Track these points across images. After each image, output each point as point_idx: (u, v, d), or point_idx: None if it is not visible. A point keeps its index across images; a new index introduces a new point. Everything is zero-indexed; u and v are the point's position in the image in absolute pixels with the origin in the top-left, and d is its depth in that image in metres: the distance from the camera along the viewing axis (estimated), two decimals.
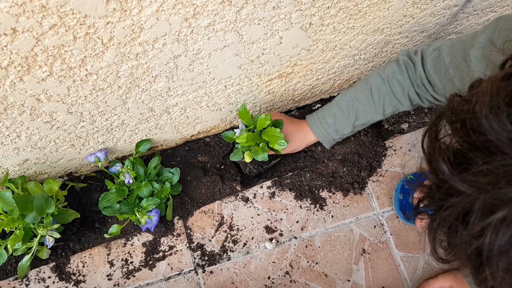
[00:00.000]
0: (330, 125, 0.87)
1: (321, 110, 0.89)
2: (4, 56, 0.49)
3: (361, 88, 0.83)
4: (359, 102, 0.83)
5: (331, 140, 0.90)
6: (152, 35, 0.56)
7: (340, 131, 0.87)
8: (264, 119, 0.82)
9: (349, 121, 0.85)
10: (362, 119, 0.84)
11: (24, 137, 0.67)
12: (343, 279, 0.89)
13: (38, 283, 0.82)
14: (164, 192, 0.83)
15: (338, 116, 0.86)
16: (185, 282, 0.85)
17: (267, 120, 0.82)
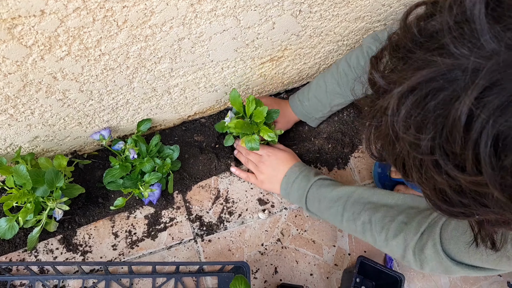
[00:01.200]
0: (308, 107, 0.97)
1: (301, 91, 0.99)
2: (30, 36, 0.54)
3: (332, 74, 0.93)
4: (331, 87, 0.93)
5: (314, 119, 1.00)
6: (161, 18, 0.62)
7: (319, 112, 0.97)
8: (251, 102, 0.90)
9: (324, 103, 0.95)
10: (336, 101, 0.94)
11: (37, 114, 0.72)
12: (329, 245, 0.98)
13: (47, 254, 0.88)
14: (165, 167, 0.89)
15: (313, 100, 0.96)
16: (185, 250, 0.92)
17: (252, 104, 0.90)
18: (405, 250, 0.71)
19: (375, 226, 0.76)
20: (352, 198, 0.80)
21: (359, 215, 0.78)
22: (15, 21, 0.51)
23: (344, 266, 0.97)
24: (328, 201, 0.83)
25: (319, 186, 0.85)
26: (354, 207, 0.79)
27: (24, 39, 0.54)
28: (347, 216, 0.80)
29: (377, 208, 0.76)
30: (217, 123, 0.98)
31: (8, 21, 0.50)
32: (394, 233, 0.72)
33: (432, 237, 0.67)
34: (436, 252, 0.66)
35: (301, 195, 0.88)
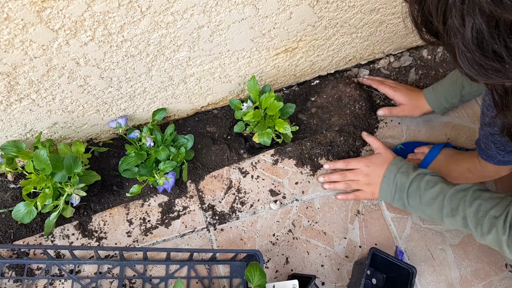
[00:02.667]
0: (440, 92, 0.98)
1: (435, 84, 1.01)
2: (58, 20, 0.56)
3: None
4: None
5: (442, 108, 1.01)
6: (183, 5, 0.63)
7: (449, 100, 0.98)
8: (268, 97, 0.91)
9: (456, 89, 0.95)
10: (468, 88, 0.93)
11: (58, 100, 0.74)
12: (340, 237, 0.98)
13: (63, 239, 0.89)
14: (180, 156, 0.90)
15: (447, 84, 0.97)
16: (198, 239, 0.93)
17: (271, 97, 0.91)
18: (500, 244, 0.74)
19: (470, 222, 0.78)
20: (449, 193, 0.82)
21: (456, 211, 0.80)
22: (44, 4, 0.52)
23: (355, 258, 0.97)
24: (428, 198, 0.85)
25: (419, 183, 0.87)
26: (452, 203, 0.81)
27: (51, 22, 0.55)
28: (446, 213, 0.82)
29: (471, 203, 0.78)
30: (232, 99, 0.97)
31: (38, 4, 0.51)
32: (488, 229, 0.74)
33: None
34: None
35: (402, 191, 0.89)
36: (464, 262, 0.99)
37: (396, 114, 1.06)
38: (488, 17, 0.37)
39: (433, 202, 0.84)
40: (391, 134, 1.10)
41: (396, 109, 1.06)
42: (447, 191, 0.82)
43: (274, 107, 0.90)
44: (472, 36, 0.38)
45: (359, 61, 1.14)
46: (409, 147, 1.08)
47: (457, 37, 0.40)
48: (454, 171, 0.99)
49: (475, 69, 0.40)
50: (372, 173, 0.95)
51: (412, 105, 1.03)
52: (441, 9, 0.40)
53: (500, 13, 0.36)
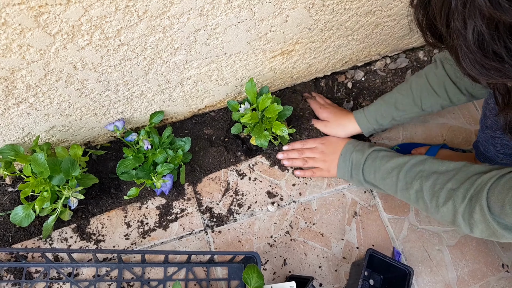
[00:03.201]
0: (371, 113, 0.97)
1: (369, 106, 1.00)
2: (55, 24, 0.56)
3: (404, 83, 0.95)
4: (400, 93, 0.94)
5: (370, 130, 1.00)
6: (180, 9, 0.64)
7: (380, 121, 0.97)
8: (265, 98, 0.92)
9: (388, 111, 0.95)
10: (400, 111, 0.94)
11: (55, 104, 0.74)
12: (338, 238, 0.99)
13: (61, 242, 0.89)
14: (177, 158, 0.91)
15: (379, 105, 0.97)
16: (196, 241, 0.94)
17: (268, 99, 0.92)
18: (455, 215, 0.74)
19: (426, 194, 0.78)
20: (405, 168, 0.83)
21: (411, 184, 0.81)
22: (41, 9, 0.52)
23: (352, 259, 0.98)
24: (382, 172, 0.87)
25: (374, 158, 0.89)
26: (407, 177, 0.83)
27: (49, 27, 0.56)
28: (401, 186, 0.83)
29: (428, 176, 0.79)
30: (230, 100, 0.98)
31: (35, 9, 0.52)
32: (444, 200, 0.75)
33: (479, 201, 0.69)
34: (484, 216, 0.68)
35: (358, 168, 0.92)
36: (461, 263, 1.00)
37: (318, 127, 1.05)
38: (488, 19, 0.39)
39: (387, 176, 0.86)
40: (388, 136, 1.10)
41: (319, 123, 1.05)
42: (403, 165, 0.84)
43: (273, 110, 0.91)
44: (474, 38, 0.40)
45: (355, 63, 1.14)
46: (406, 148, 1.08)
47: (459, 39, 0.42)
48: None
49: (477, 69, 0.42)
50: (328, 150, 0.98)
51: (336, 124, 1.02)
52: (444, 13, 0.42)
53: (499, 15, 0.37)
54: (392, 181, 0.85)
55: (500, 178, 0.67)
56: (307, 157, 1.00)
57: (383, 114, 0.96)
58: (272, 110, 0.91)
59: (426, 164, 0.81)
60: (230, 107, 0.97)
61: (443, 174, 0.77)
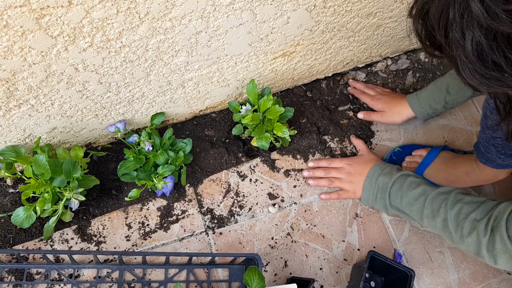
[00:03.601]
0: (424, 98, 0.99)
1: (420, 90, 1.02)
2: (57, 26, 0.56)
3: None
4: (452, 78, 0.94)
5: (425, 114, 1.01)
6: (182, 11, 0.64)
7: (433, 106, 0.99)
8: (267, 100, 0.92)
9: (441, 95, 0.96)
10: (453, 95, 0.95)
11: (57, 105, 0.74)
12: (339, 240, 0.99)
13: (62, 243, 0.89)
14: (178, 160, 0.91)
15: (431, 90, 0.98)
16: (197, 242, 0.93)
17: (269, 101, 0.92)
18: (479, 246, 0.74)
19: (451, 223, 0.78)
20: (431, 195, 0.83)
21: (437, 212, 0.81)
22: (43, 11, 0.52)
23: (353, 261, 0.98)
24: (409, 198, 0.86)
25: (402, 183, 0.88)
26: (433, 205, 0.82)
27: (50, 29, 0.56)
28: (426, 214, 0.83)
29: (452, 206, 0.79)
30: (231, 101, 0.98)
31: (37, 11, 0.52)
32: (469, 231, 0.75)
33: (499, 231, 0.70)
34: (505, 246, 0.69)
35: (384, 191, 0.90)
36: (462, 265, 1.00)
37: (375, 119, 1.07)
38: (486, 30, 0.39)
39: (414, 203, 0.85)
40: (389, 137, 1.10)
41: (375, 114, 1.06)
42: (430, 192, 0.83)
43: (274, 112, 0.91)
44: (472, 48, 0.41)
45: (356, 64, 1.14)
46: (407, 149, 1.08)
47: (458, 49, 0.42)
48: (452, 174, 1.00)
49: (476, 78, 0.43)
50: (354, 172, 0.97)
51: (392, 112, 1.03)
52: (442, 24, 0.43)
53: (497, 26, 0.38)
54: (419, 207, 0.84)
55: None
56: (333, 177, 0.98)
57: (436, 99, 0.97)
58: (273, 111, 0.91)
59: (452, 193, 0.81)
60: (231, 108, 0.97)
61: (467, 204, 0.77)
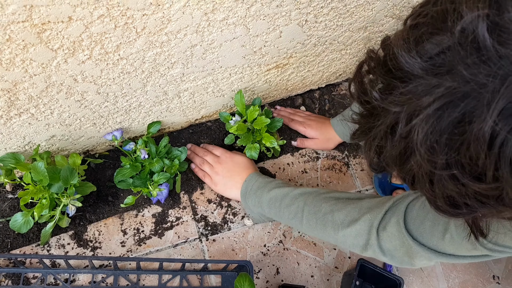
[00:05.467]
0: (346, 124, 0.99)
1: (342, 112, 1.03)
2: (57, 40, 0.59)
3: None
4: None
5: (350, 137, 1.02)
6: (177, 26, 0.67)
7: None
8: (253, 110, 0.94)
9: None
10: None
11: (56, 114, 0.76)
12: (330, 248, 1.01)
13: (59, 248, 0.91)
14: (174, 168, 0.93)
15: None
16: (190, 249, 0.95)
17: (255, 111, 0.94)
18: (370, 231, 0.71)
19: (337, 214, 0.75)
20: (314, 194, 0.81)
21: (320, 207, 0.78)
22: (44, 26, 0.55)
23: (344, 269, 1.00)
24: (290, 199, 0.83)
25: (281, 187, 0.86)
26: (316, 201, 0.79)
27: (51, 43, 0.58)
28: (308, 210, 0.79)
29: (339, 199, 0.78)
30: (222, 112, 1.01)
31: (38, 26, 0.54)
32: (358, 217, 0.72)
33: (397, 214, 0.67)
34: (399, 229, 0.67)
35: (260, 196, 0.87)
36: (452, 274, 1.02)
37: (308, 146, 1.07)
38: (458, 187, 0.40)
39: (293, 203, 0.82)
40: None
41: (308, 141, 1.06)
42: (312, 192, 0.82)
43: (261, 122, 0.93)
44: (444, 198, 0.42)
45: (349, 76, 1.17)
46: None
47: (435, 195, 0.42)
48: None
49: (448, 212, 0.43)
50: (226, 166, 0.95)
51: (325, 139, 1.04)
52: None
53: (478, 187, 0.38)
54: (298, 206, 0.81)
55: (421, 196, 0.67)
56: (206, 161, 0.97)
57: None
58: (260, 122, 0.93)
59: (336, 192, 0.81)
60: (222, 119, 1.00)
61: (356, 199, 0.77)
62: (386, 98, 0.41)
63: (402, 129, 0.40)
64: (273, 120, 1.01)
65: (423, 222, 0.65)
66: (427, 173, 0.41)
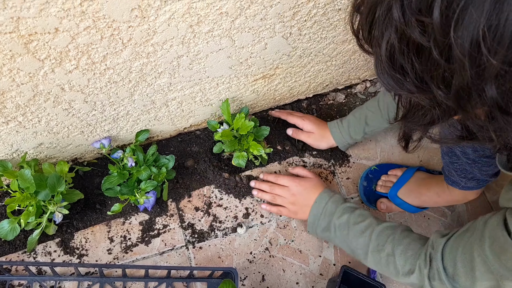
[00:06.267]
0: (345, 129, 1.04)
1: (339, 118, 1.06)
2: (44, 50, 0.60)
3: (372, 100, 1.01)
4: (369, 109, 1.00)
5: (345, 144, 1.06)
6: (163, 38, 0.69)
7: (353, 136, 1.04)
8: (239, 118, 0.96)
9: (360, 126, 1.02)
10: (371, 126, 1.01)
11: (43, 122, 0.78)
12: (315, 255, 1.02)
13: (45, 256, 0.92)
14: (161, 176, 0.94)
15: (351, 122, 1.03)
16: (177, 256, 0.96)
17: (241, 118, 0.96)
18: (423, 280, 0.75)
19: (398, 259, 0.79)
20: (378, 229, 0.84)
21: (383, 246, 0.81)
22: (31, 37, 0.57)
23: (329, 276, 1.01)
24: (356, 231, 0.86)
25: (350, 215, 0.88)
26: (380, 238, 0.82)
27: (38, 53, 0.60)
28: (372, 247, 0.83)
29: (400, 240, 0.80)
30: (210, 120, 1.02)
31: (25, 37, 0.56)
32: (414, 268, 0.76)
33: (436, 262, 0.72)
34: (440, 278, 0.71)
35: (330, 221, 0.90)
36: None
37: (302, 138, 1.08)
38: (400, 35, 0.41)
39: (360, 236, 0.85)
40: (366, 156, 1.15)
41: (303, 133, 1.08)
42: (376, 226, 0.84)
43: (245, 127, 0.95)
44: (386, 49, 0.42)
45: (336, 86, 1.20)
46: (383, 168, 1.13)
47: (376, 47, 0.44)
48: (424, 195, 1.04)
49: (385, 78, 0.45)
50: (299, 194, 0.97)
51: (320, 134, 1.06)
52: (368, 21, 0.44)
53: (409, 33, 0.40)
54: (365, 241, 0.84)
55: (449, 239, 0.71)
56: (277, 195, 1.00)
57: (356, 130, 1.02)
58: (244, 127, 0.95)
59: (399, 229, 0.83)
60: (210, 127, 1.01)
61: (415, 240, 0.79)
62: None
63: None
64: (260, 128, 1.03)
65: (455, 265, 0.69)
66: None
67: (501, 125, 0.42)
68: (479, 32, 0.36)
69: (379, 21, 0.42)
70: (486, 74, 0.37)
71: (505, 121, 0.41)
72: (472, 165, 0.84)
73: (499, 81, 0.37)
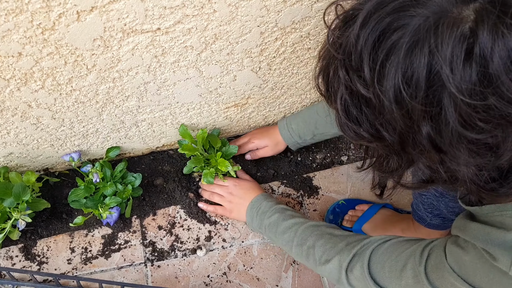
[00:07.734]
0: (294, 130, 1.06)
1: (290, 116, 1.09)
2: (8, 71, 0.64)
3: (322, 103, 1.02)
4: (319, 115, 1.02)
5: (296, 144, 1.09)
6: (127, 65, 0.72)
7: (303, 137, 1.06)
8: (202, 134, 0.99)
9: (309, 129, 1.04)
10: (321, 130, 1.03)
11: (12, 134, 0.81)
12: (273, 284, 1.03)
13: (6, 260, 0.94)
14: (126, 193, 0.97)
15: (301, 124, 1.05)
16: (134, 273, 0.98)
17: (204, 133, 0.99)
18: (340, 271, 0.78)
19: (317, 250, 0.83)
20: (304, 226, 0.89)
21: (306, 240, 0.86)
22: None
23: None
24: (283, 228, 0.91)
25: (280, 214, 0.94)
26: (304, 233, 0.87)
27: (3, 73, 0.64)
28: (296, 241, 0.88)
29: (322, 235, 0.85)
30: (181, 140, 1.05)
31: None
32: (332, 257, 0.80)
33: (362, 258, 0.74)
34: (363, 274, 0.73)
35: (262, 220, 0.96)
36: None
37: (261, 155, 1.11)
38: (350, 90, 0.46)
39: (287, 231, 0.90)
40: (336, 189, 1.17)
41: (260, 151, 1.11)
42: (303, 224, 0.89)
43: (202, 138, 0.98)
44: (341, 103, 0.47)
45: None
46: (351, 203, 1.14)
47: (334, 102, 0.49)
48: (389, 231, 1.05)
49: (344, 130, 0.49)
50: (237, 194, 1.02)
51: (273, 143, 1.09)
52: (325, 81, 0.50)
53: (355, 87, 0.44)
54: (289, 236, 0.89)
55: (386, 241, 0.73)
56: (215, 193, 1.05)
57: (305, 131, 1.05)
58: (201, 138, 0.97)
59: (323, 226, 0.87)
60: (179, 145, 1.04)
61: (337, 236, 0.83)
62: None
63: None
64: (228, 147, 1.05)
65: (383, 267, 0.71)
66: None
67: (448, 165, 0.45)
68: (399, 81, 0.41)
69: (332, 80, 0.48)
70: (414, 116, 0.42)
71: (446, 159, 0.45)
72: (439, 199, 0.86)
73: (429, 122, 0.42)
